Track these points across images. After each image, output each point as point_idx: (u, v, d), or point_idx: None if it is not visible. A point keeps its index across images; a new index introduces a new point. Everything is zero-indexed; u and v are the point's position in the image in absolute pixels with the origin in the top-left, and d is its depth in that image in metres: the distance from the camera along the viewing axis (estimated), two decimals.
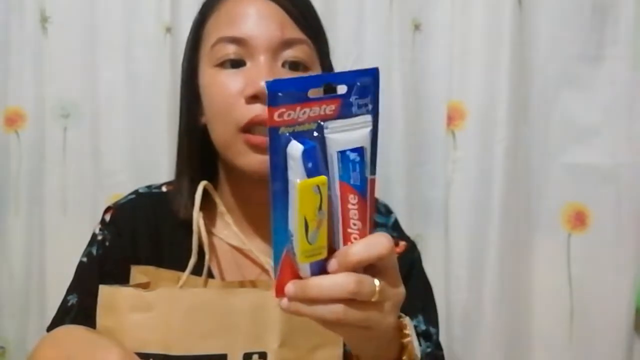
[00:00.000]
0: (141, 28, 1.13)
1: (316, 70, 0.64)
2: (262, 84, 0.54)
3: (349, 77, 0.43)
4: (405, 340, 0.50)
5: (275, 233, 0.41)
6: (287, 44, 0.60)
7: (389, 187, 1.12)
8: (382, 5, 1.10)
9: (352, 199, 0.41)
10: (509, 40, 1.06)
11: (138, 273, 0.62)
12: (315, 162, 0.39)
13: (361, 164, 0.41)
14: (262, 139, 0.58)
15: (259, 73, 0.59)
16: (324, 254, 0.41)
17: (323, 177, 0.39)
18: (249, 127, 0.60)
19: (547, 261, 1.12)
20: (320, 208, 0.39)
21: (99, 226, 0.73)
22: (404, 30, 1.10)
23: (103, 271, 0.69)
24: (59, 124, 1.16)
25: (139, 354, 0.51)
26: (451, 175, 1.11)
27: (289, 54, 0.61)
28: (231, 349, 0.52)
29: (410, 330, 0.51)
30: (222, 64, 0.62)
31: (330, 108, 0.41)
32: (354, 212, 0.41)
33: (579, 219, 1.11)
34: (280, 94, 0.38)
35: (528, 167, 1.12)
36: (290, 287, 0.41)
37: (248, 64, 0.61)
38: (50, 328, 0.67)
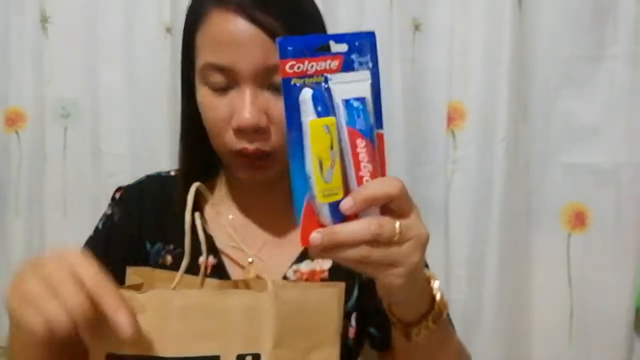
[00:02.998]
0: (141, 28, 1.13)
1: None
2: (246, 117, 0.60)
3: (349, 37, 0.49)
4: (435, 291, 0.55)
5: (294, 182, 0.45)
6: (270, 69, 0.60)
7: None
8: (382, 5, 1.10)
9: (360, 142, 0.45)
10: (509, 40, 1.06)
11: (132, 274, 0.61)
12: (325, 105, 0.44)
13: (364, 111, 0.46)
14: (254, 163, 0.64)
15: (243, 105, 0.60)
16: (341, 194, 0.45)
17: (332, 118, 0.44)
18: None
19: (547, 261, 1.12)
20: (331, 147, 0.44)
21: (109, 203, 0.76)
22: (404, 30, 1.10)
23: (109, 241, 0.72)
24: (59, 124, 1.16)
25: (131, 357, 0.51)
26: (451, 175, 1.11)
27: (273, 78, 0.61)
28: (224, 351, 0.52)
29: (436, 283, 0.56)
30: (211, 87, 0.63)
31: (334, 63, 0.46)
32: (363, 155, 0.45)
33: (579, 219, 1.11)
34: (289, 48, 0.44)
35: (528, 167, 1.12)
36: (315, 235, 0.44)
37: (234, 89, 0.62)
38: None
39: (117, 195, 0.76)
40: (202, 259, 0.61)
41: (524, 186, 1.11)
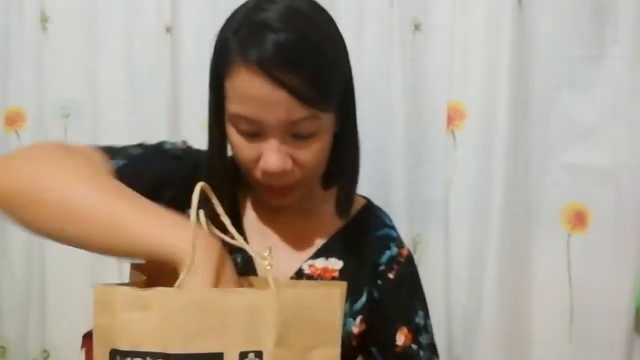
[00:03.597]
0: (141, 28, 1.13)
1: (327, 125, 0.65)
2: (274, 164, 0.62)
3: None
4: None
5: None
6: (294, 123, 0.62)
7: (389, 187, 1.12)
8: (382, 5, 1.10)
9: None
10: (509, 40, 1.06)
11: (137, 270, 0.62)
12: None
13: None
14: (280, 191, 0.67)
15: (270, 153, 0.63)
16: None
17: None
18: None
19: (547, 261, 1.12)
20: None
21: (179, 143, 0.76)
22: (404, 30, 1.10)
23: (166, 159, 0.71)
24: (59, 124, 1.17)
25: (136, 353, 0.52)
26: (451, 175, 1.11)
27: (297, 129, 0.63)
28: (228, 348, 0.53)
29: None
30: (239, 132, 0.65)
31: None
32: None
33: (579, 219, 1.11)
34: None
35: (528, 167, 1.12)
36: None
37: (262, 137, 0.64)
38: (104, 148, 0.67)
39: (187, 145, 0.76)
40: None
41: (524, 186, 1.11)
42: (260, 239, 0.73)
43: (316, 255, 0.73)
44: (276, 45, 0.59)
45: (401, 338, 0.74)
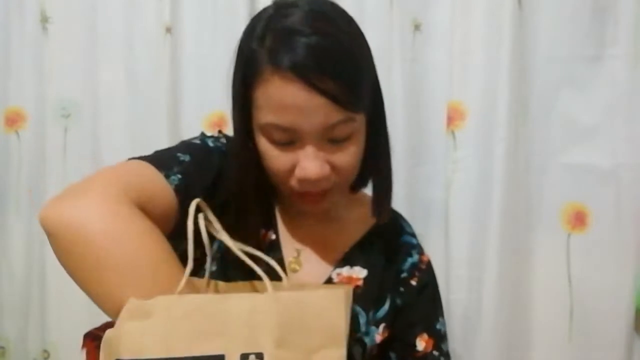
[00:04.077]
0: (141, 28, 1.13)
1: (360, 128, 0.65)
2: (312, 171, 0.62)
3: None
4: None
5: None
6: (331, 127, 0.62)
7: None
8: (382, 5, 1.10)
9: None
10: (509, 40, 1.06)
11: None
12: None
13: None
14: (314, 199, 0.66)
15: (308, 161, 0.62)
16: None
17: None
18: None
19: (547, 261, 1.12)
20: None
21: (217, 135, 0.74)
22: (404, 30, 1.11)
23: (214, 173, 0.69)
24: (59, 124, 1.17)
25: None
26: (451, 175, 1.11)
27: (334, 133, 0.62)
28: (229, 350, 0.53)
29: None
30: (273, 142, 0.64)
31: None
32: None
33: (579, 219, 1.11)
34: None
35: (528, 167, 1.12)
36: None
37: (297, 144, 0.63)
38: (156, 161, 0.67)
39: (223, 140, 0.73)
40: (208, 264, 0.62)
41: (524, 186, 1.11)
42: (290, 246, 0.73)
43: (342, 264, 0.73)
44: (307, 48, 0.58)
45: (421, 344, 0.74)
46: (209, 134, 0.74)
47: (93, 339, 0.69)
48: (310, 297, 0.55)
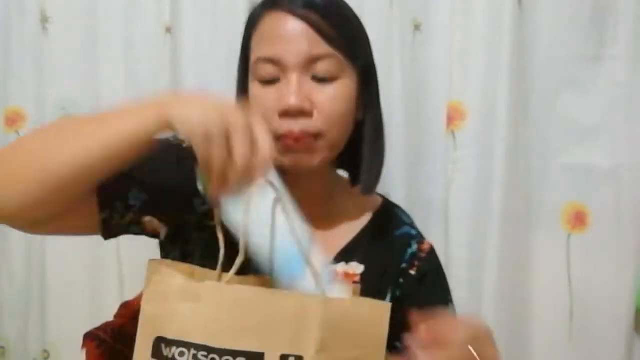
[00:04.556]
0: (141, 28, 1.13)
1: (346, 79, 0.68)
2: (292, 100, 0.64)
3: None
4: None
5: None
6: (314, 59, 0.66)
7: (389, 187, 1.12)
8: (382, 5, 1.10)
9: None
10: (509, 40, 1.06)
11: (156, 264, 0.62)
12: None
13: None
14: (302, 144, 0.65)
15: (289, 90, 0.65)
16: None
17: None
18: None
19: (547, 261, 1.13)
20: None
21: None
22: (404, 30, 1.11)
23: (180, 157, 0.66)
24: None
25: (181, 342, 0.52)
26: (451, 175, 1.11)
27: (317, 68, 0.66)
28: (269, 349, 0.53)
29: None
30: (261, 80, 0.68)
31: None
32: None
33: (579, 219, 1.11)
34: None
35: (528, 167, 1.12)
36: None
37: (282, 80, 0.66)
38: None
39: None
40: (221, 257, 0.60)
41: (524, 186, 1.11)
42: None
43: (336, 260, 0.72)
44: None
45: None
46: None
47: (93, 339, 0.69)
48: (356, 308, 0.55)
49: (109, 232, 0.66)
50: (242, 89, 0.73)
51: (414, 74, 1.12)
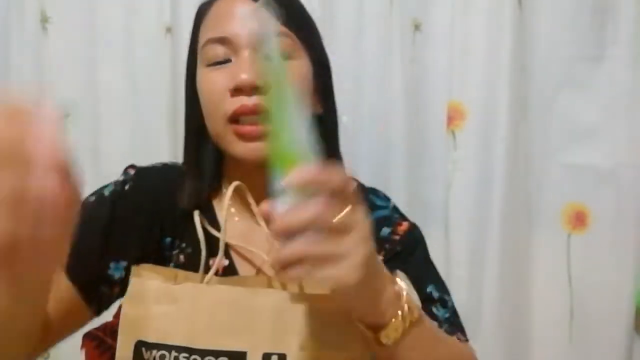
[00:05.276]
0: (141, 28, 1.13)
1: (301, 60, 0.66)
2: (244, 76, 0.60)
3: None
4: (399, 290, 0.51)
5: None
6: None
7: (389, 187, 1.12)
8: (382, 5, 1.10)
9: None
10: (509, 40, 1.06)
11: (139, 269, 0.62)
12: None
13: None
14: (250, 128, 0.62)
15: (241, 67, 0.62)
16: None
17: None
18: (236, 118, 0.63)
19: (547, 261, 1.12)
20: None
21: (122, 177, 0.70)
22: (404, 30, 1.10)
23: (114, 216, 0.65)
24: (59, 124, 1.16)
25: (162, 345, 0.52)
26: (451, 175, 1.11)
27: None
28: (252, 348, 0.53)
29: (402, 282, 0.52)
30: (211, 64, 0.65)
31: None
32: None
33: (579, 219, 1.11)
34: None
35: (528, 167, 1.12)
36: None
37: (233, 60, 0.64)
38: None
39: (131, 172, 0.70)
40: (203, 258, 0.61)
41: (524, 186, 1.11)
42: (241, 238, 0.67)
43: None
44: None
45: None
46: (121, 177, 0.71)
47: (92, 339, 0.69)
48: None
49: (102, 310, 0.66)
50: (190, 86, 0.69)
51: (414, 74, 1.12)
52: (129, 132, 1.14)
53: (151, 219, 0.67)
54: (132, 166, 0.72)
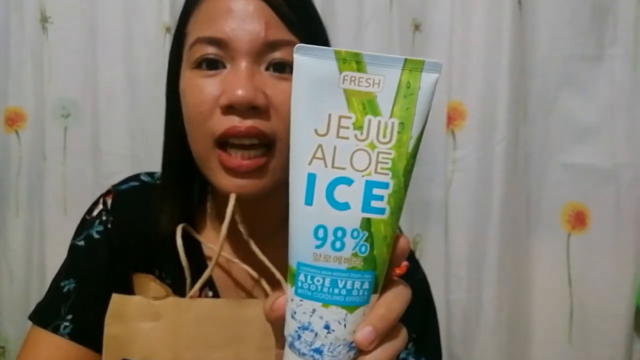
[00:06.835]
0: (141, 28, 1.12)
1: None
2: (239, 92, 0.49)
3: None
4: None
5: None
6: (271, 46, 0.52)
7: None
8: (382, 5, 1.10)
9: None
10: (509, 40, 1.06)
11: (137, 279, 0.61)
12: None
13: None
14: (238, 162, 0.51)
15: (238, 80, 0.51)
16: None
17: None
18: (224, 141, 0.53)
19: (547, 261, 1.12)
20: None
21: (100, 208, 0.65)
22: (404, 30, 1.10)
23: (111, 259, 0.61)
24: (59, 124, 1.16)
25: None
26: (451, 175, 1.11)
27: (274, 56, 0.53)
28: (240, 359, 0.51)
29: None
30: (199, 65, 0.54)
31: None
32: None
33: (578, 219, 1.11)
34: None
35: (528, 167, 1.12)
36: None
37: (227, 67, 0.53)
38: (39, 316, 0.61)
39: (109, 202, 0.65)
40: (188, 285, 0.57)
41: (524, 186, 1.11)
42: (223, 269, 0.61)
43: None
44: None
45: None
46: (96, 210, 0.66)
47: None
48: None
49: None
50: (172, 90, 0.59)
51: None
52: (129, 132, 1.14)
53: (137, 251, 0.62)
54: (108, 192, 0.66)
